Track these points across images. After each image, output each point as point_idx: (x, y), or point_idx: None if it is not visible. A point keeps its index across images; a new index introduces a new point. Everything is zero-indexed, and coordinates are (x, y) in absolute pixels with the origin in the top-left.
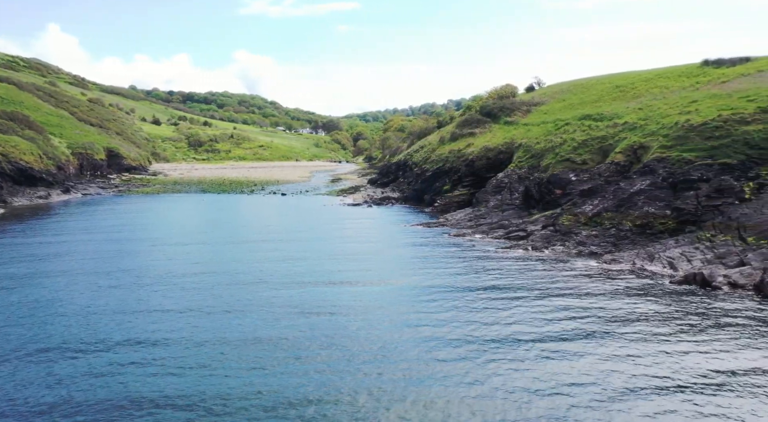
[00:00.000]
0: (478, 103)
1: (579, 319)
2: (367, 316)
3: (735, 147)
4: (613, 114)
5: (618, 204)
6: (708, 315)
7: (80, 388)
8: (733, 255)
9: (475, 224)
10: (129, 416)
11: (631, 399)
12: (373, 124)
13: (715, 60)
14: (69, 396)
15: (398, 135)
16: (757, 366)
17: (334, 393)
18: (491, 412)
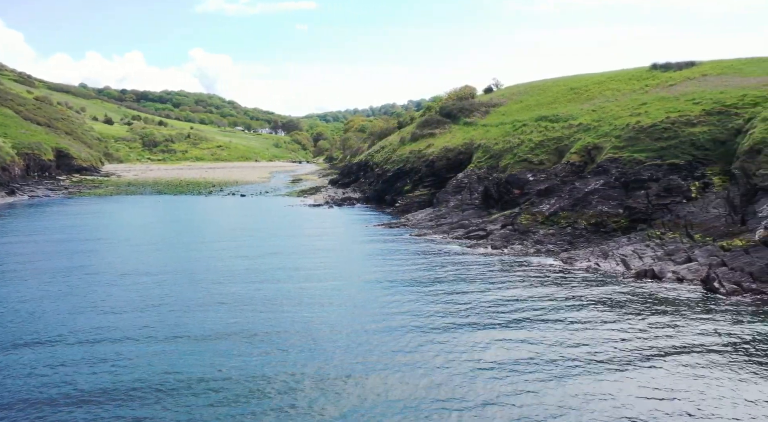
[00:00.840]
0: (437, 104)
1: (531, 311)
2: (329, 311)
3: (682, 148)
4: (568, 115)
5: (573, 203)
6: (654, 307)
7: (22, 384)
8: (681, 252)
9: (435, 224)
10: (73, 409)
11: (568, 378)
12: (334, 124)
13: (663, 64)
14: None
15: (359, 135)
16: (694, 350)
17: (297, 380)
18: (443, 390)
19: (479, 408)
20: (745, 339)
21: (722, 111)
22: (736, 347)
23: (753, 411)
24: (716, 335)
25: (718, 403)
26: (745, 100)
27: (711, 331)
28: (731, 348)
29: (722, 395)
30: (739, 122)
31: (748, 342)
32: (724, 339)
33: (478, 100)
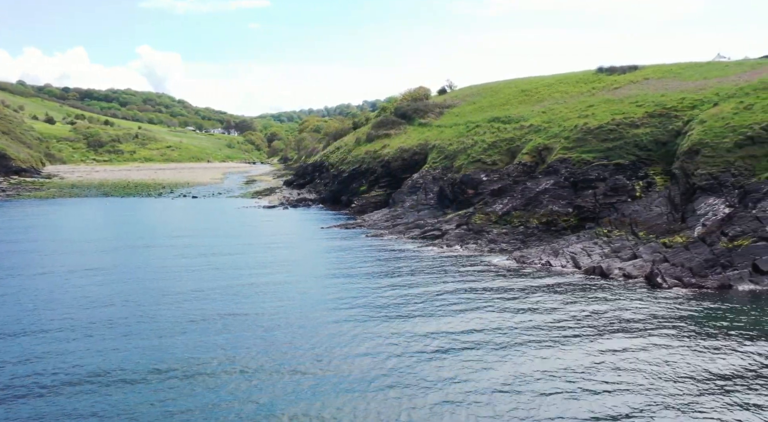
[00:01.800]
0: (392, 105)
1: (480, 307)
2: (285, 308)
3: (627, 149)
4: (519, 117)
5: (526, 203)
6: (599, 302)
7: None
8: (627, 249)
9: (391, 225)
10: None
11: (503, 361)
12: (288, 124)
13: (608, 68)
14: None
15: (314, 136)
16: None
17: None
18: (391, 376)
19: (420, 390)
20: (681, 328)
21: (663, 113)
22: (672, 336)
23: (679, 386)
24: (659, 326)
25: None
26: (683, 103)
27: (654, 323)
28: (668, 336)
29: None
30: (679, 124)
31: (684, 331)
32: (665, 330)
33: (432, 102)
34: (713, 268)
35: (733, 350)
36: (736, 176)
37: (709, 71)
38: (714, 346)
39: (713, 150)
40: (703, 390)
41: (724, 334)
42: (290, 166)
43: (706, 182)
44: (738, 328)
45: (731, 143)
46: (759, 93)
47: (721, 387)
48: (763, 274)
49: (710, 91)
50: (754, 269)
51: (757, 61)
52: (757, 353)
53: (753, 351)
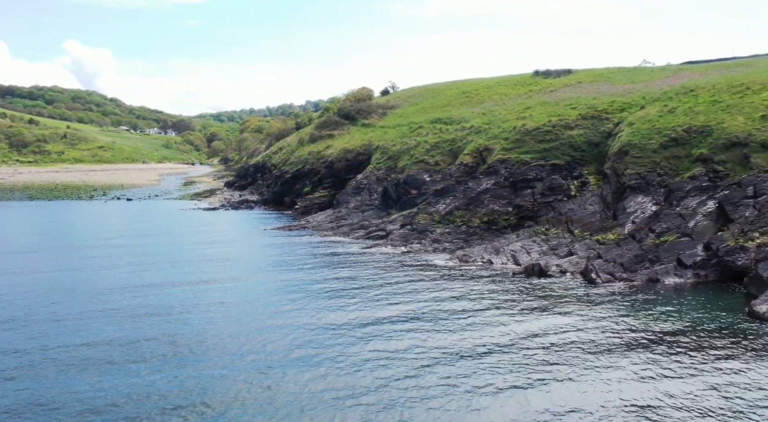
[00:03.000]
0: (335, 105)
1: (421, 304)
2: (226, 308)
3: (562, 149)
4: (461, 118)
5: (467, 203)
6: (537, 298)
7: None
8: (564, 246)
9: (336, 225)
10: None
11: (439, 363)
12: (229, 124)
13: (544, 71)
14: None
15: (256, 136)
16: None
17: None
18: (326, 380)
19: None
20: (611, 320)
21: (595, 115)
22: (602, 327)
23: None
24: (590, 319)
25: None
26: (614, 105)
27: (587, 316)
28: (598, 329)
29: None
30: (610, 126)
31: (613, 322)
32: (594, 322)
33: (375, 102)
34: (642, 263)
35: (658, 341)
36: (661, 175)
37: (636, 76)
38: (637, 336)
39: (641, 151)
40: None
41: (647, 323)
42: (231, 167)
43: (634, 181)
44: (661, 319)
45: (657, 144)
46: (681, 97)
47: (639, 370)
48: (686, 268)
49: (637, 94)
50: (678, 264)
51: (679, 66)
52: (676, 343)
53: (673, 341)
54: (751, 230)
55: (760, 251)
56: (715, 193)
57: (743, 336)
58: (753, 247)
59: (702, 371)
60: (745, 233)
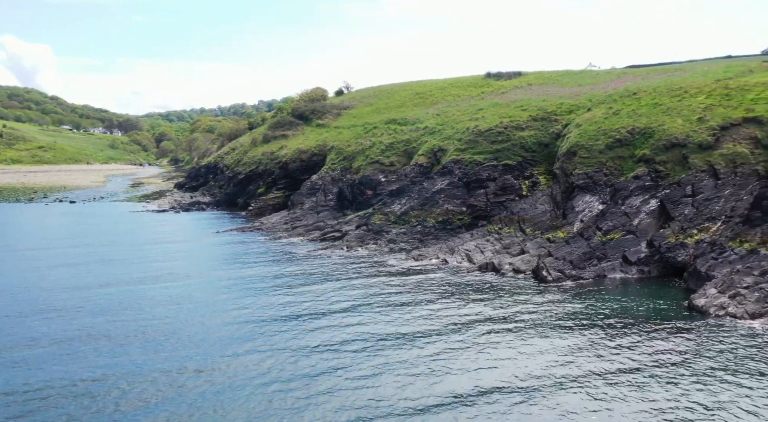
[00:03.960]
0: (289, 106)
1: (370, 301)
2: (176, 307)
3: (514, 150)
4: (415, 119)
5: (423, 203)
6: (489, 295)
7: None
8: (516, 245)
9: (291, 227)
10: None
11: (386, 349)
12: (179, 124)
13: (496, 73)
14: None
15: (207, 136)
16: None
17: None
18: (267, 366)
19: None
20: (558, 314)
21: (545, 117)
22: (549, 321)
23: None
24: (538, 314)
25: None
26: (562, 108)
27: (536, 310)
28: (545, 323)
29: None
30: (558, 127)
31: (559, 317)
32: (541, 316)
33: (329, 103)
34: (590, 260)
35: (602, 333)
36: (607, 175)
37: (583, 79)
38: (581, 328)
39: (588, 152)
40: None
41: (592, 317)
42: (182, 168)
43: (582, 181)
44: (606, 313)
45: (603, 145)
46: (624, 100)
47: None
48: (631, 264)
49: (584, 97)
50: (624, 260)
51: (622, 70)
52: (619, 335)
53: (615, 334)
54: (690, 228)
55: (698, 248)
56: (657, 192)
57: (683, 328)
58: (692, 243)
59: (642, 360)
60: (684, 230)
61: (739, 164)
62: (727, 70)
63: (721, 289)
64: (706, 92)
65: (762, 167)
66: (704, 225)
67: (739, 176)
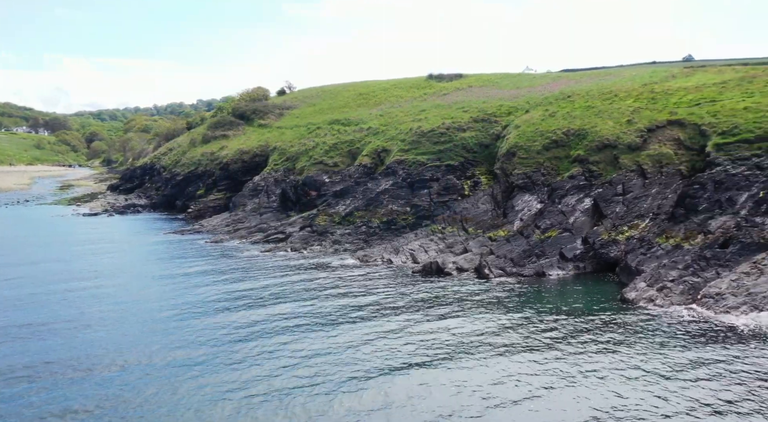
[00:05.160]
0: (230, 105)
1: (316, 302)
2: (105, 315)
3: (456, 151)
4: (359, 119)
5: (367, 203)
6: (431, 292)
7: None
8: (459, 244)
9: (233, 229)
10: None
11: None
12: (111, 123)
13: (438, 75)
14: None
15: (143, 137)
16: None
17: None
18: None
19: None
20: (498, 310)
21: (485, 119)
22: (488, 316)
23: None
24: (478, 310)
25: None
26: (501, 109)
27: (477, 308)
28: (484, 318)
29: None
30: (498, 129)
31: (498, 312)
32: (481, 313)
33: (271, 103)
34: (530, 258)
35: (538, 326)
36: (545, 175)
37: (521, 82)
38: (519, 322)
39: (526, 152)
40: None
41: (528, 311)
42: (116, 169)
43: (521, 181)
44: (543, 307)
45: (540, 146)
46: (560, 102)
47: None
48: (567, 261)
49: (522, 99)
50: (561, 257)
51: (557, 74)
52: (556, 328)
53: (553, 327)
54: (621, 225)
55: (629, 244)
56: (591, 191)
57: (615, 320)
58: (623, 240)
59: (577, 351)
60: (616, 228)
61: (665, 164)
62: (652, 75)
63: (650, 283)
64: (634, 96)
65: (685, 167)
66: (634, 222)
67: (664, 176)
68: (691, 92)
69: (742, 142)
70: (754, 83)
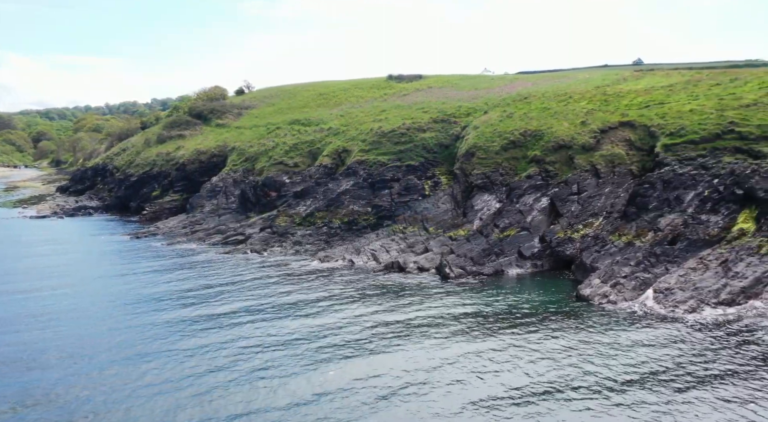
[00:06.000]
0: (186, 105)
1: (273, 301)
2: (53, 317)
3: (416, 151)
4: (319, 119)
5: (328, 204)
6: (395, 292)
7: None
8: (420, 244)
9: (190, 231)
10: None
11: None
12: (60, 123)
13: (397, 76)
14: None
15: (94, 136)
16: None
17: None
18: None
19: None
20: (457, 306)
21: (445, 119)
22: (446, 312)
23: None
24: (438, 307)
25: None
26: (461, 110)
27: (436, 304)
28: (444, 315)
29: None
30: (458, 129)
31: (457, 308)
32: (441, 309)
33: (230, 102)
34: (489, 256)
35: (497, 322)
36: (503, 175)
37: (479, 83)
38: (477, 318)
39: (485, 153)
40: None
41: (485, 309)
42: (65, 170)
43: (481, 181)
44: (501, 304)
45: (498, 147)
46: (517, 103)
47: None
48: (525, 259)
49: (481, 100)
50: (519, 255)
51: (514, 76)
52: (515, 324)
53: (512, 323)
54: (576, 223)
55: (584, 242)
56: (548, 190)
57: (570, 315)
58: (578, 238)
59: (529, 346)
60: (571, 226)
61: (617, 164)
62: (604, 78)
63: (604, 279)
64: (587, 98)
65: (635, 166)
66: (588, 221)
67: (617, 175)
68: (641, 95)
69: (689, 143)
70: (699, 86)
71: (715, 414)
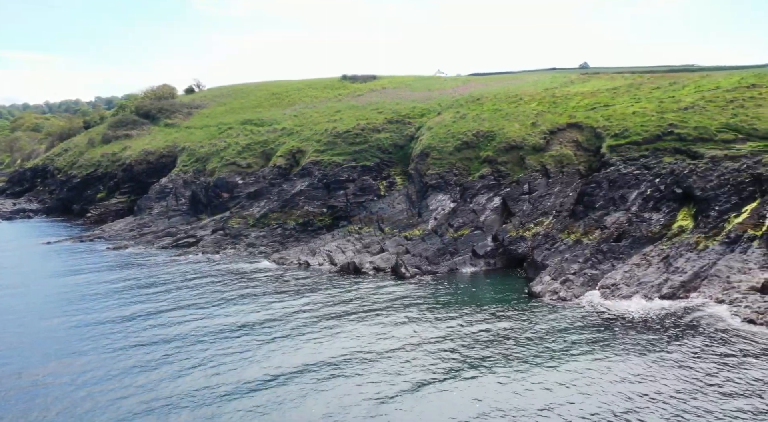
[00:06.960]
0: (133, 103)
1: (220, 306)
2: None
3: (371, 152)
4: (272, 120)
5: (282, 205)
6: (348, 293)
7: None
8: (376, 244)
9: (138, 234)
10: None
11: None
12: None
13: (351, 76)
14: None
15: (33, 136)
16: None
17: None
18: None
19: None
20: (411, 306)
21: (399, 120)
22: (400, 311)
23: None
24: (391, 307)
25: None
26: (415, 111)
27: (394, 304)
28: (399, 313)
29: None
30: (412, 130)
31: (411, 307)
32: (395, 309)
33: (179, 101)
34: (444, 255)
35: (449, 318)
36: (457, 175)
37: (433, 84)
38: (428, 315)
39: (439, 153)
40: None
41: (437, 306)
42: (1, 171)
43: (435, 181)
44: (454, 301)
45: (452, 147)
46: (470, 105)
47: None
48: (479, 257)
49: (434, 101)
50: (473, 254)
51: (467, 77)
52: (468, 323)
53: (467, 321)
54: (527, 222)
55: (535, 240)
56: (500, 190)
57: (521, 311)
58: (530, 236)
59: (487, 339)
60: (523, 225)
61: (565, 164)
62: (553, 80)
63: (554, 276)
64: (537, 100)
65: (583, 166)
66: (539, 219)
67: (565, 175)
68: (588, 97)
69: (632, 144)
70: (641, 90)
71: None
